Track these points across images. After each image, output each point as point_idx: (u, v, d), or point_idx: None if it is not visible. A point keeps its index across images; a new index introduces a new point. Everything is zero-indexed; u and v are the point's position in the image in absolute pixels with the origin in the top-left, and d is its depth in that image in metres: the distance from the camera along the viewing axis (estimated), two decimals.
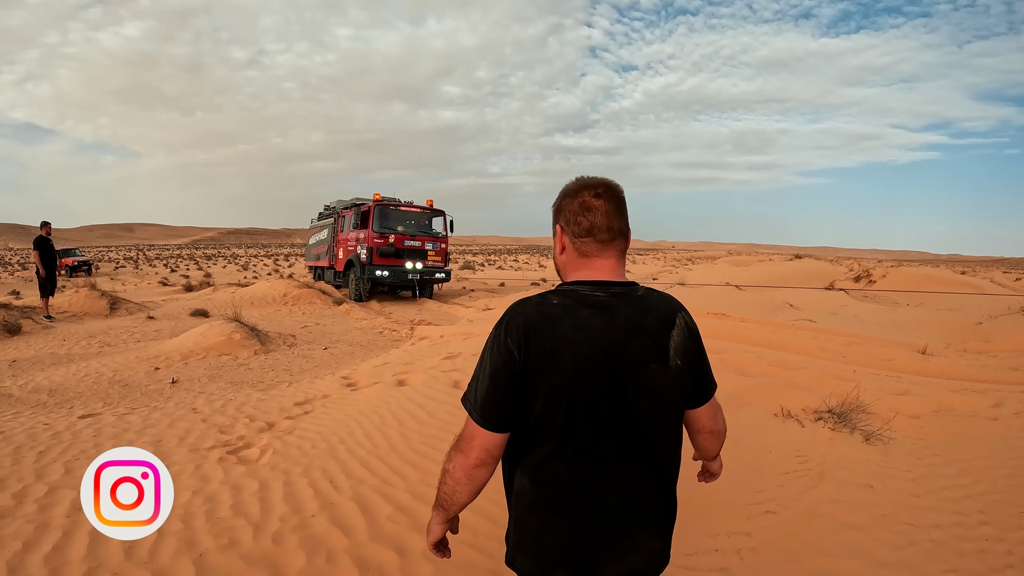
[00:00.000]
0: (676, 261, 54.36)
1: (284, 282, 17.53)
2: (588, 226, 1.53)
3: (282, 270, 42.13)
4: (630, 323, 1.48)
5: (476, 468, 1.51)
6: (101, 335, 10.87)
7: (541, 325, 1.45)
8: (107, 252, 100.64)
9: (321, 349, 10.06)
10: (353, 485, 3.82)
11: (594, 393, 1.44)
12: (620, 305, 1.50)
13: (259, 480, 3.85)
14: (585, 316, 1.46)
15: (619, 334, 1.46)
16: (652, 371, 1.47)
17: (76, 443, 4.46)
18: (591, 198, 1.54)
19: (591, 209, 1.53)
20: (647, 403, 1.47)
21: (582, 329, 1.45)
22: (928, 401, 5.47)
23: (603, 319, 1.46)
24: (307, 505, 3.56)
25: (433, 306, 16.98)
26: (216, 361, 8.68)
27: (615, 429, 1.47)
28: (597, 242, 1.54)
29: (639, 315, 1.49)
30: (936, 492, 3.71)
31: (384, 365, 7.59)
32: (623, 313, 1.48)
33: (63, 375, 7.50)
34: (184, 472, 3.95)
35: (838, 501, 3.55)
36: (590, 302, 1.49)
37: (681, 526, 3.29)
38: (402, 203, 17.82)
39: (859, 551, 3.07)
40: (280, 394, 6.27)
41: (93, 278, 24.62)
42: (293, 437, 4.69)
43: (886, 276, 24.26)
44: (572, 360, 1.43)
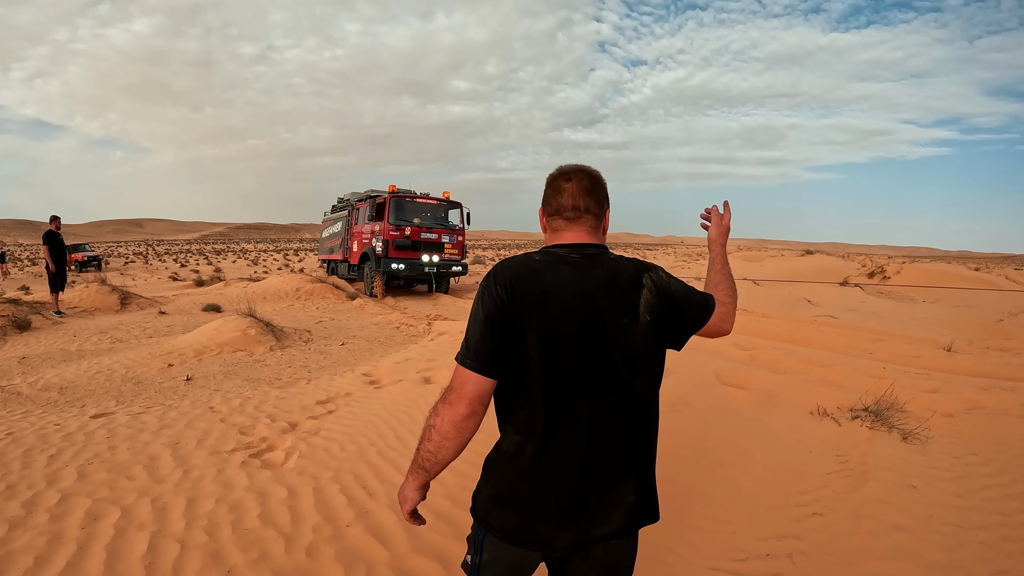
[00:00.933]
0: (687, 256, 53.98)
1: (296, 276, 17.31)
2: (557, 206, 1.72)
3: (292, 265, 42.01)
4: (603, 281, 1.61)
5: (466, 419, 1.54)
6: (112, 331, 10.63)
7: (526, 274, 1.58)
8: (116, 247, 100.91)
9: (338, 345, 9.80)
10: (388, 491, 3.56)
11: (577, 339, 1.55)
12: (593, 266, 1.63)
13: (287, 486, 3.58)
14: (564, 271, 1.60)
15: (595, 288, 1.58)
16: (623, 325, 1.58)
17: (89, 445, 4.20)
18: (563, 182, 1.72)
19: (561, 191, 1.71)
20: (619, 354, 1.57)
21: (563, 281, 1.58)
22: (960, 399, 5.45)
23: (579, 275, 1.60)
24: (341, 514, 3.29)
25: (448, 301, 16.70)
26: (231, 357, 8.43)
27: (597, 374, 1.56)
28: (564, 219, 1.71)
29: (611, 275, 1.63)
30: (977, 492, 3.65)
31: (406, 362, 7.33)
32: (597, 272, 1.62)
33: (74, 372, 7.26)
34: (205, 477, 3.68)
35: (884, 502, 3.45)
36: (567, 260, 1.63)
37: (730, 530, 3.24)
38: (418, 195, 17.48)
39: (909, 553, 2.98)
40: (300, 392, 6.01)
41: (103, 273, 24.46)
42: (319, 439, 4.41)
43: (900, 272, 24.05)
44: (557, 306, 1.54)
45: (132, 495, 3.40)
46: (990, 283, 21.45)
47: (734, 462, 4.06)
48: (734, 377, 6.08)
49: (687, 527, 3.26)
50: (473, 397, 1.52)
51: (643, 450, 1.65)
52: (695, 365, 6.29)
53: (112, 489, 3.47)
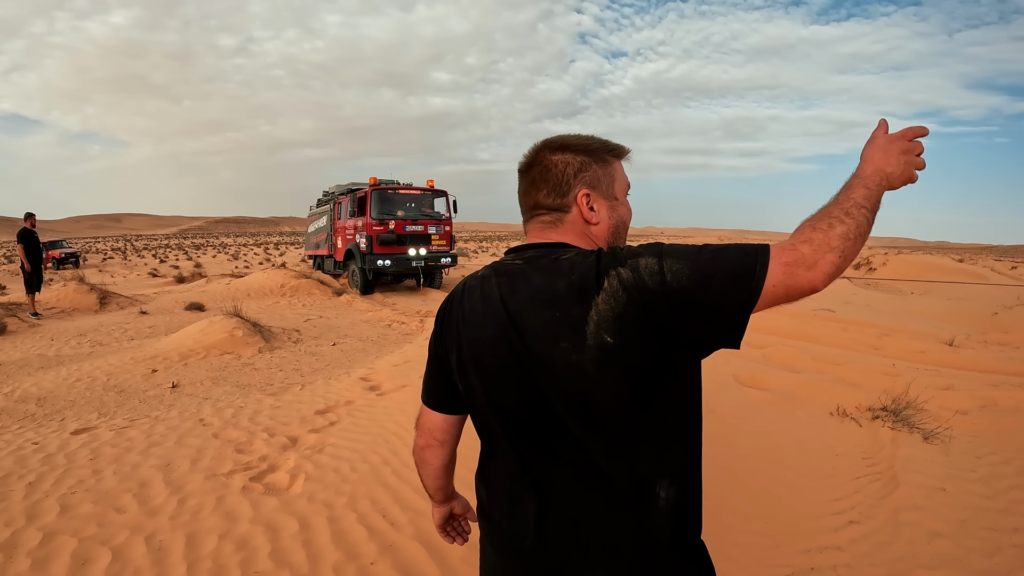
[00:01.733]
0: None
1: (281, 272, 16.85)
2: (519, 203, 1.38)
3: (274, 259, 41.33)
4: (536, 290, 1.15)
5: (422, 450, 1.44)
6: (92, 333, 10.15)
7: (458, 296, 1.31)
8: (95, 243, 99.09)
9: (329, 345, 9.42)
10: (412, 519, 3.20)
11: (497, 377, 1.19)
12: (530, 271, 1.19)
13: (298, 517, 3.21)
14: (492, 284, 1.23)
15: (521, 303, 1.16)
16: (562, 351, 1.09)
17: (72, 469, 3.81)
18: (518, 175, 1.37)
19: (518, 186, 1.36)
20: (559, 397, 1.11)
21: (484, 299, 1.23)
22: (973, 396, 5.41)
23: (508, 287, 1.20)
24: (363, 549, 2.94)
25: (438, 296, 16.32)
26: (218, 361, 8.03)
27: (536, 429, 1.16)
28: (526, 219, 1.35)
29: (548, 280, 1.15)
30: (1005, 493, 3.59)
31: (405, 364, 6.98)
32: (531, 280, 1.18)
33: (53, 380, 6.81)
34: (204, 507, 3.30)
35: (918, 507, 3.34)
36: (502, 269, 1.26)
37: (772, 543, 3.06)
38: (401, 185, 16.89)
39: (953, 561, 2.88)
40: (296, 399, 5.64)
41: (81, 270, 23.78)
42: (325, 457, 4.05)
43: (886, 264, 24.09)
44: (471, 332, 1.23)
45: (123, 532, 3.02)
46: (977, 275, 21.57)
47: (766, 469, 3.89)
48: (752, 378, 5.90)
49: (730, 543, 3.05)
50: (425, 428, 1.42)
51: (619, 539, 1.11)
52: (709, 365, 6.00)
53: (100, 525, 3.09)
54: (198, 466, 3.92)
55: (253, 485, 3.62)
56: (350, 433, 4.52)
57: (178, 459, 4.03)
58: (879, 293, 15.60)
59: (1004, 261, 42.36)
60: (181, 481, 3.66)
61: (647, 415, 1.11)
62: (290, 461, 4.00)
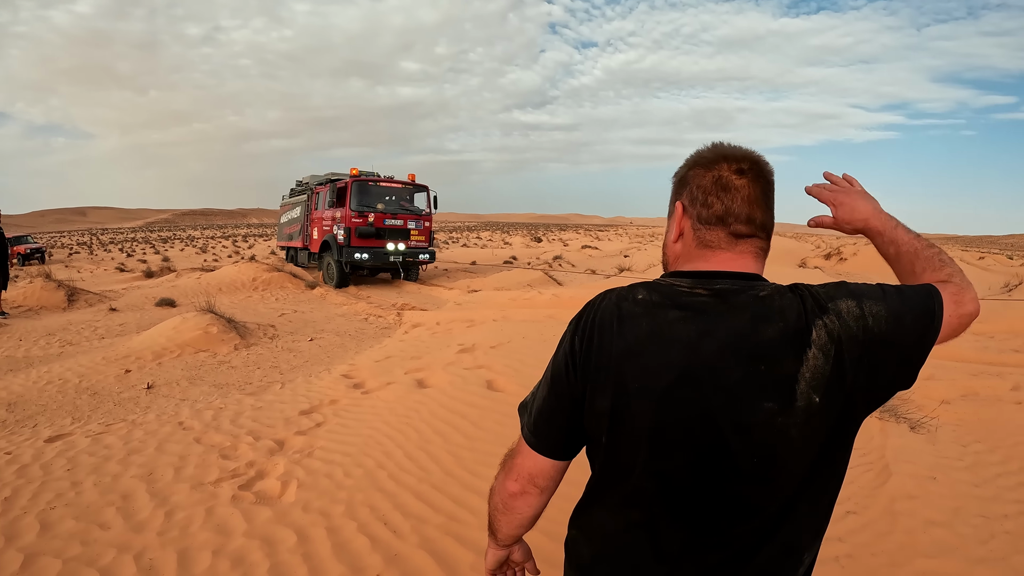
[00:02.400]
0: (640, 238, 54.20)
1: (252, 266, 16.49)
2: (721, 211, 1.07)
3: (243, 252, 40.66)
4: (734, 336, 0.97)
5: (514, 497, 1.18)
6: (61, 332, 9.79)
7: (612, 323, 1.04)
8: (60, 237, 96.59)
9: (307, 340, 9.23)
10: (415, 527, 3.07)
11: (670, 434, 0.98)
12: (725, 310, 1.00)
13: (295, 528, 3.07)
14: (670, 320, 1.01)
15: (716, 350, 0.97)
16: (765, 412, 0.94)
17: (49, 482, 3.62)
18: (731, 174, 1.07)
19: (729, 189, 1.07)
20: (750, 461, 0.96)
21: (660, 338, 1.00)
22: (954, 385, 5.51)
23: (694, 328, 0.99)
24: (367, 560, 2.81)
25: (414, 288, 16.16)
26: (193, 359, 7.80)
27: (702, 495, 0.99)
28: (730, 234, 1.08)
29: (753, 325, 0.98)
30: (992, 481, 3.65)
31: (387, 359, 6.86)
32: (728, 322, 0.99)
33: (23, 383, 6.53)
34: (194, 521, 3.15)
35: (912, 497, 3.37)
36: (682, 301, 1.03)
37: None
38: (382, 178, 16.65)
39: (950, 548, 2.91)
40: (277, 399, 5.48)
41: (47, 266, 23.08)
42: (316, 461, 3.91)
43: (856, 254, 24.39)
44: (642, 378, 0.99)
45: (110, 551, 2.86)
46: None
47: None
48: None
49: None
50: (525, 474, 1.15)
51: None
52: None
53: (85, 544, 2.92)
54: (182, 475, 3.76)
55: (243, 494, 3.47)
56: (339, 435, 4.39)
57: (160, 467, 3.87)
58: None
59: (971, 251, 43.37)
60: (166, 492, 3.50)
61: (826, 481, 1.03)
62: (279, 467, 3.85)
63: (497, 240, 55.85)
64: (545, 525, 1.61)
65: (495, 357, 6.08)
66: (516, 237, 61.01)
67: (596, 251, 34.26)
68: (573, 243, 43.89)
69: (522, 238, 56.93)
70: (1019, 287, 11.12)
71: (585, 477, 1.15)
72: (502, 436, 4.08)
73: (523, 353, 6.22)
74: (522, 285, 15.42)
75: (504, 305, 10.89)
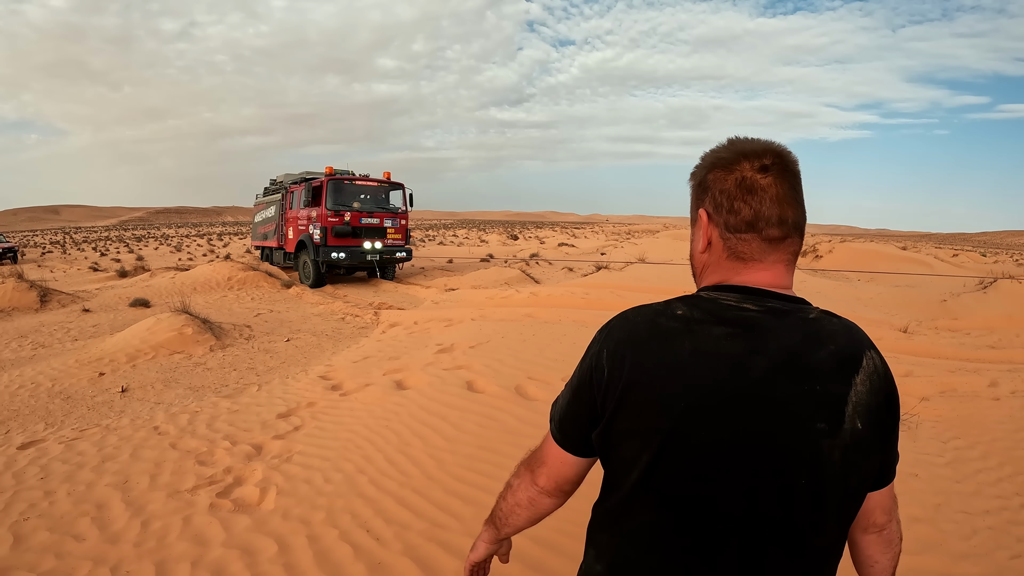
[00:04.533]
0: (616, 235, 54.33)
1: (227, 265, 16.30)
2: (751, 216, 1.01)
3: (218, 251, 40.16)
4: (788, 355, 0.94)
5: (541, 496, 1.17)
6: (33, 334, 9.59)
7: (649, 341, 0.98)
8: (32, 236, 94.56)
9: (283, 341, 9.15)
10: (398, 533, 3.04)
11: (718, 456, 0.93)
12: (776, 327, 0.97)
13: (274, 537, 3.04)
14: (717, 336, 0.96)
15: (768, 368, 0.93)
16: (817, 433, 0.92)
17: (21, 491, 3.56)
18: (755, 173, 1.01)
19: (755, 190, 1.00)
20: (803, 484, 0.93)
21: (707, 356, 0.94)
22: (932, 382, 5.59)
23: (745, 344, 0.95)
24: (350, 569, 2.78)
25: (390, 287, 16.05)
26: (168, 361, 7.70)
27: (746, 515, 0.94)
28: (763, 240, 1.02)
29: (804, 345, 0.95)
30: (972, 477, 3.72)
31: (364, 360, 6.82)
32: (780, 339, 0.95)
33: None
34: (171, 531, 3.10)
35: (896, 493, 3.22)
36: (729, 317, 0.98)
37: None
38: (357, 176, 16.49)
39: (933, 545, 2.96)
40: (254, 402, 5.43)
41: (19, 266, 22.60)
42: (294, 467, 3.87)
43: (832, 252, 24.69)
44: (683, 398, 0.93)
45: (85, 564, 2.81)
46: (923, 263, 22.27)
47: None
48: None
49: None
50: (553, 473, 1.14)
51: None
52: None
53: (59, 557, 2.87)
54: (158, 482, 3.71)
55: (221, 502, 3.44)
56: (317, 439, 4.35)
57: (135, 474, 3.82)
58: (827, 280, 15.95)
59: (944, 249, 44.08)
60: (141, 501, 3.45)
61: (859, 501, 1.03)
62: (257, 473, 3.81)
63: (473, 238, 55.70)
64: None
65: (474, 357, 6.07)
66: (492, 235, 60.89)
67: (573, 249, 34.28)
68: (550, 240, 43.88)
69: (499, 236, 56.81)
70: (993, 284, 11.30)
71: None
72: (483, 438, 4.06)
73: (502, 353, 6.21)
74: (499, 283, 15.42)
75: (482, 304, 10.87)
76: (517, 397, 4.87)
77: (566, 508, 1.25)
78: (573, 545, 2.78)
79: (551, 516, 1.25)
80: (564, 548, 2.80)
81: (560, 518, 2.38)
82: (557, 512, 1.22)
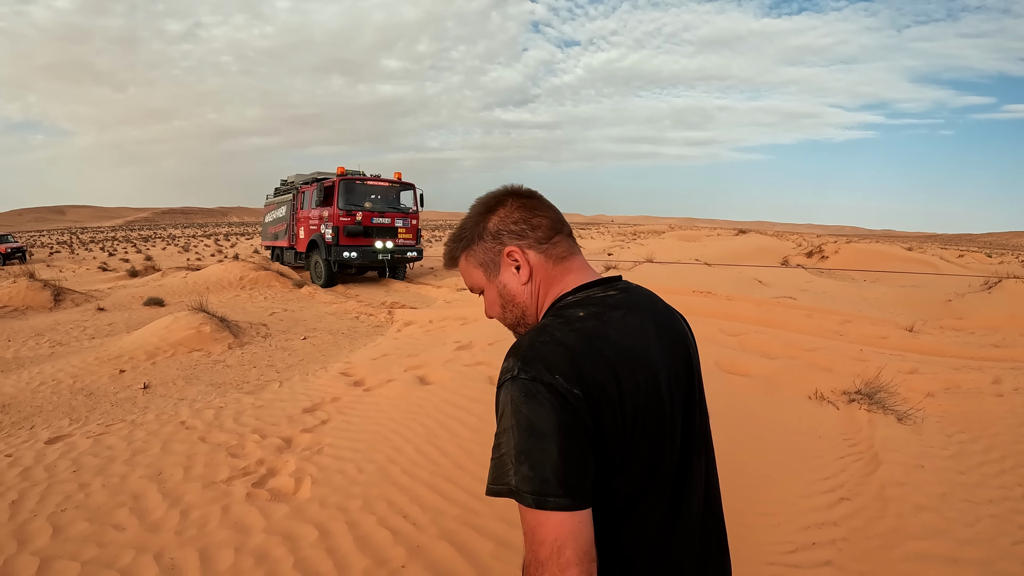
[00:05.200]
0: (622, 236, 54.20)
1: (239, 265, 16.34)
2: (549, 223, 1.20)
3: (226, 251, 40.28)
4: (664, 328, 1.16)
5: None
6: (49, 332, 9.64)
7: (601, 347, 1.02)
8: (39, 237, 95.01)
9: (300, 339, 9.16)
10: (434, 519, 3.10)
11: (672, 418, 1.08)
12: (636, 300, 1.15)
13: (314, 524, 3.06)
14: (618, 319, 1.08)
15: (666, 341, 1.14)
16: (697, 361, 1.21)
17: (55, 484, 3.57)
18: (523, 198, 1.21)
19: (536, 207, 1.21)
20: (700, 399, 1.19)
21: (629, 335, 1.07)
22: (937, 379, 5.65)
23: (639, 319, 1.11)
24: (390, 553, 2.82)
25: (401, 287, 16.06)
26: (187, 359, 7.72)
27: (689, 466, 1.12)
28: (567, 236, 1.22)
29: (657, 306, 1.19)
30: (976, 468, 3.80)
31: (383, 357, 6.83)
32: (645, 308, 1.16)
33: (15, 385, 6.43)
34: (210, 519, 3.12)
35: (901, 483, 3.51)
36: (611, 302, 1.12)
37: (774, 523, 3.21)
38: (369, 177, 16.47)
39: (939, 531, 3.03)
40: (277, 398, 5.44)
41: (29, 266, 22.70)
42: (326, 458, 3.89)
43: (838, 252, 24.59)
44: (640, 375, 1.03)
45: (128, 552, 2.82)
46: (928, 264, 22.17)
47: (760, 452, 4.06)
48: (732, 364, 5.99)
49: (740, 525, 3.14)
50: (579, 549, 0.92)
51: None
52: None
53: (101, 546, 2.88)
54: (192, 474, 3.73)
55: (257, 492, 3.45)
56: (345, 432, 4.37)
57: (168, 467, 3.83)
58: (833, 281, 15.93)
59: (950, 249, 43.98)
60: (177, 492, 3.46)
61: None
62: (290, 464, 3.83)
63: None
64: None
65: (494, 354, 6.08)
66: None
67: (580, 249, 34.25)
68: None
69: None
70: (998, 285, 11.28)
71: None
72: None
73: None
74: None
75: None
76: None
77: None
78: None
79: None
80: None
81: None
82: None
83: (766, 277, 14.84)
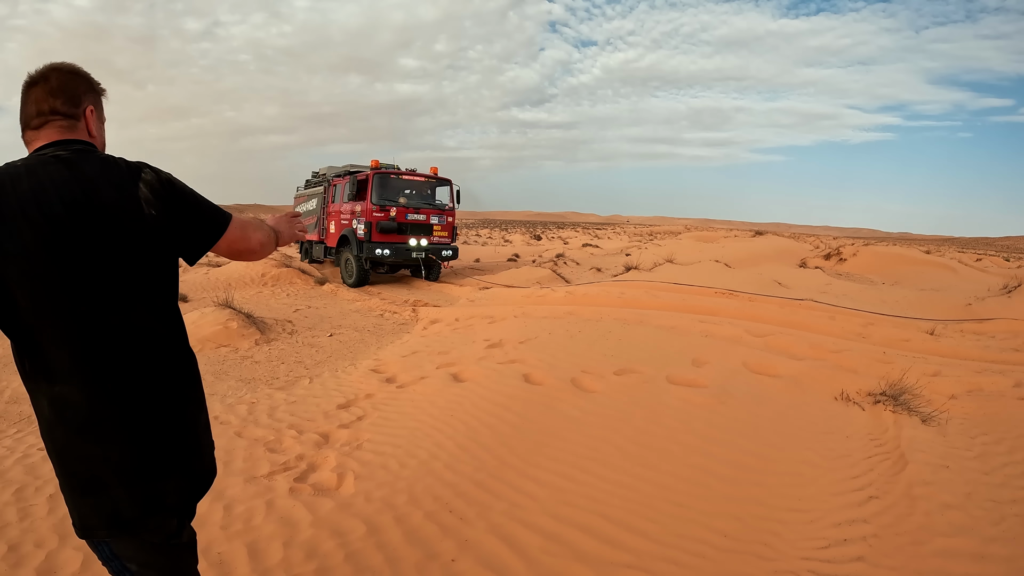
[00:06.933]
0: (639, 236, 54.02)
1: (260, 261, 16.40)
2: (24, 118, 1.52)
3: None
4: (99, 174, 1.42)
5: None
6: None
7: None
8: None
9: (326, 336, 9.18)
10: (481, 513, 3.12)
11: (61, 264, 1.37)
12: (84, 161, 1.43)
13: (361, 518, 3.06)
14: (51, 172, 1.38)
15: (88, 184, 1.39)
16: (124, 223, 1.40)
17: None
18: (25, 87, 1.52)
19: (26, 101, 1.51)
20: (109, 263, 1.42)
21: (49, 184, 1.36)
22: (960, 382, 5.69)
23: (70, 171, 1.39)
24: (439, 546, 2.83)
25: (424, 285, 15.97)
26: (215, 354, 7.76)
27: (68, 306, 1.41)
28: (32, 129, 1.50)
29: (106, 167, 1.44)
30: (1000, 469, 3.84)
31: (413, 355, 6.81)
32: (89, 166, 1.42)
33: None
34: (255, 513, 3.11)
35: (928, 483, 3.55)
36: (50, 158, 1.41)
37: (807, 519, 3.27)
38: (404, 171, 15.97)
39: (965, 529, 3.07)
40: (309, 393, 5.44)
41: None
42: (367, 453, 3.88)
43: (857, 255, 24.33)
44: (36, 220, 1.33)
45: None
46: (947, 267, 21.91)
47: (791, 450, 4.09)
48: (760, 365, 5.99)
49: (775, 520, 3.24)
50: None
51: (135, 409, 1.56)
52: (722, 353, 6.22)
53: None
54: (232, 468, 3.72)
55: (300, 487, 3.44)
56: (383, 428, 4.36)
57: None
58: (852, 283, 15.78)
59: (967, 253, 43.50)
60: (219, 486, 3.44)
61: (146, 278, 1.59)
62: (330, 459, 3.82)
63: (497, 238, 55.71)
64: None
65: (526, 352, 6.06)
66: (515, 235, 60.80)
67: (597, 250, 34.13)
68: (573, 241, 43.74)
69: (521, 236, 56.72)
70: (1018, 289, 11.17)
71: None
72: (548, 426, 4.13)
73: (552, 348, 6.20)
74: (531, 282, 15.34)
75: (519, 302, 10.84)
76: (575, 389, 4.91)
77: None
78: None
79: None
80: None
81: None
82: None
83: (785, 279, 14.77)
